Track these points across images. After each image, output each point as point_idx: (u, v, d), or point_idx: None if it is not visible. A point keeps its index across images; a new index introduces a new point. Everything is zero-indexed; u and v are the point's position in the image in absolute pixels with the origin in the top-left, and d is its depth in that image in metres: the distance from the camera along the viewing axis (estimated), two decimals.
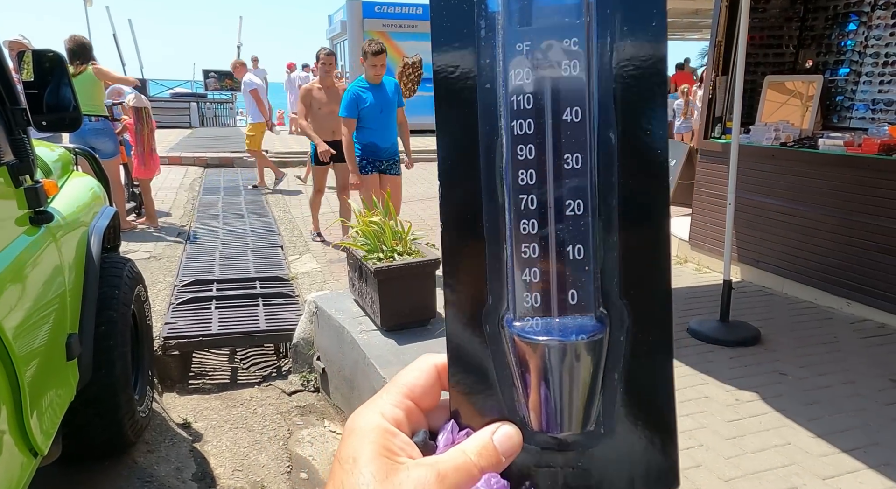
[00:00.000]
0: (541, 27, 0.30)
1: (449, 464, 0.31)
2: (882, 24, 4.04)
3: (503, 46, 0.31)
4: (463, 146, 0.33)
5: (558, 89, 0.31)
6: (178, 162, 10.54)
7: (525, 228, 0.32)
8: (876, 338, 3.30)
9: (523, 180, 0.32)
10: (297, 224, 6.59)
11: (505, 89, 0.31)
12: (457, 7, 0.32)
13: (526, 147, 0.31)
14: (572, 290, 0.32)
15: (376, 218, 3.53)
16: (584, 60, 0.30)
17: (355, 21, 15.00)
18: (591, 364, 0.32)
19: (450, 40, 0.32)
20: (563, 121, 0.31)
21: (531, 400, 0.33)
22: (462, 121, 0.32)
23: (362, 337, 3.22)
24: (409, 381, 0.35)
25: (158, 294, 4.28)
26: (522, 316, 0.33)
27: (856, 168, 3.56)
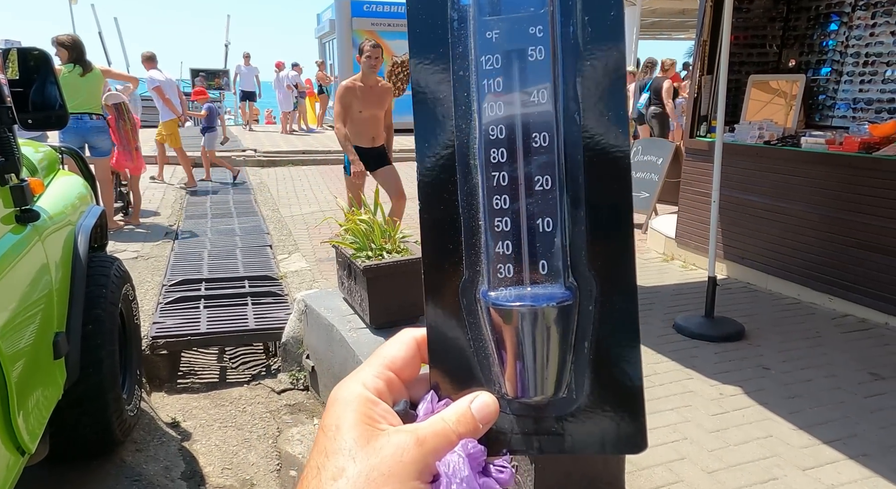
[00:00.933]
0: (508, 16, 0.33)
1: (428, 430, 0.33)
2: (862, 24, 4.11)
3: (474, 35, 0.33)
4: (438, 128, 0.35)
5: (525, 73, 0.33)
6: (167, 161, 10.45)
7: (497, 203, 0.34)
8: (857, 333, 3.36)
9: (495, 158, 0.34)
10: (285, 223, 6.58)
11: (477, 75, 0.33)
12: (430, 1, 0.34)
13: (497, 127, 0.33)
14: (542, 261, 0.34)
15: (365, 216, 3.54)
16: (548, 46, 0.32)
17: (344, 20, 14.98)
18: (562, 329, 0.34)
19: (425, 30, 0.34)
20: (531, 102, 0.33)
21: (507, 368, 0.35)
22: (437, 105, 0.34)
23: (351, 335, 3.23)
24: (391, 353, 0.37)
25: (146, 293, 4.26)
26: (497, 286, 0.34)
27: (837, 166, 3.62)
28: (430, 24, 0.34)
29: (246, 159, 10.93)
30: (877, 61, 4.05)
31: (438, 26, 0.34)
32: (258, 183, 9.12)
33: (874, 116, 4.06)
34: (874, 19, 4.03)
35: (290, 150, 11.91)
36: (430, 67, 0.34)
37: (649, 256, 5.24)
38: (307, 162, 11.19)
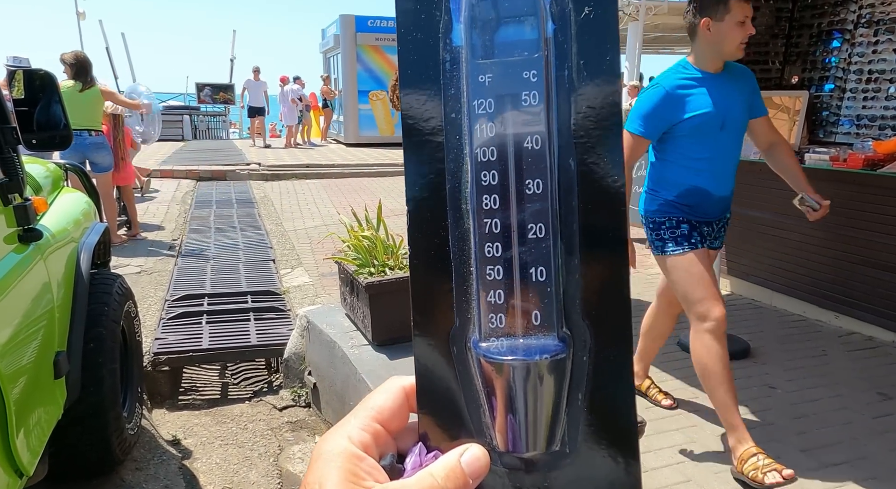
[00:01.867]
0: (502, 60, 0.32)
1: (415, 487, 0.32)
2: (865, 41, 4.12)
3: (467, 78, 0.33)
4: (430, 173, 0.34)
5: (519, 119, 0.32)
6: (171, 175, 10.53)
7: (489, 251, 0.33)
8: (863, 351, 3.33)
9: (487, 205, 0.33)
10: (289, 237, 6.59)
11: (469, 118, 0.33)
12: (423, 41, 0.33)
13: (489, 173, 0.33)
14: (535, 311, 0.33)
15: (368, 232, 3.54)
16: (542, 91, 0.32)
17: (348, 35, 15.12)
18: (555, 383, 0.33)
19: (417, 72, 0.33)
20: (524, 148, 0.32)
21: (497, 420, 0.34)
22: (429, 148, 0.34)
23: (353, 351, 3.22)
24: (378, 404, 0.36)
25: (149, 309, 4.26)
26: (488, 336, 0.34)
27: (841, 182, 3.61)
28: (421, 65, 0.33)
29: (250, 173, 10.99)
30: (880, 78, 4.05)
31: (430, 67, 0.33)
32: (262, 197, 9.16)
33: (878, 133, 4.06)
34: (876, 37, 4.04)
35: (294, 163, 11.97)
36: (421, 108, 0.34)
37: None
38: (311, 176, 11.24)
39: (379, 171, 11.75)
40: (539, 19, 0.32)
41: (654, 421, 2.63)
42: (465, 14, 0.32)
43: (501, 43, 0.32)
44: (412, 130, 0.34)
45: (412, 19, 0.33)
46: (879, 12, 4.02)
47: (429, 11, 0.33)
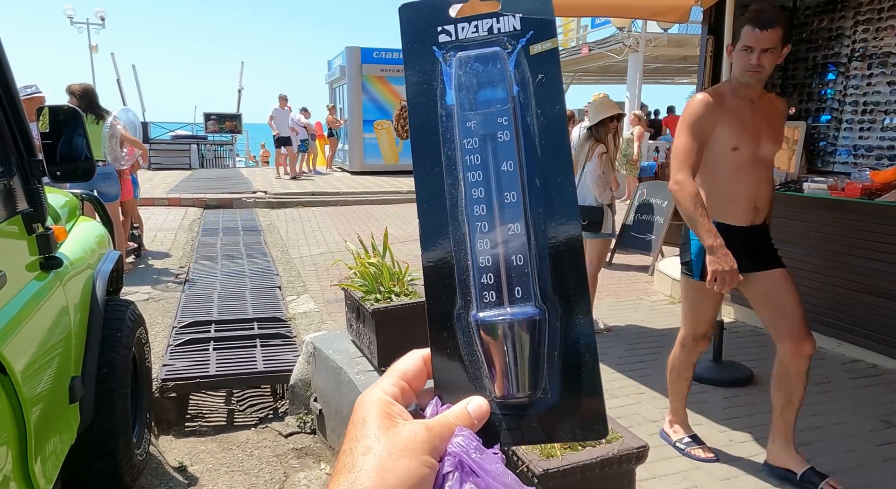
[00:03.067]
0: (482, 111, 0.45)
1: (435, 422, 0.42)
2: (859, 74, 4.22)
3: (458, 124, 0.45)
4: (434, 192, 0.46)
5: (497, 150, 0.45)
6: (178, 203, 10.67)
7: (481, 246, 0.45)
8: (867, 379, 3.34)
9: (478, 212, 0.45)
10: (294, 264, 6.65)
11: (461, 152, 0.45)
12: (426, 103, 0.46)
13: (478, 189, 0.45)
14: (517, 287, 0.44)
15: (374, 260, 3.60)
16: (512, 131, 0.45)
17: (354, 66, 15.43)
18: (535, 339, 0.44)
19: (424, 124, 0.46)
20: (501, 171, 0.44)
21: (495, 373, 0.44)
22: (433, 175, 0.46)
23: (359, 377, 3.24)
24: (403, 367, 0.45)
25: (157, 335, 4.30)
26: (483, 308, 0.45)
27: (840, 211, 3.67)
28: (426, 119, 0.46)
29: (256, 201, 11.12)
30: (875, 110, 4.15)
31: (432, 120, 0.46)
32: (268, 224, 9.25)
33: (875, 163, 4.13)
34: (870, 70, 4.15)
35: (299, 191, 12.11)
36: (426, 149, 0.46)
37: (656, 299, 5.25)
38: (316, 203, 11.36)
39: (383, 198, 11.88)
40: (507, 84, 0.45)
41: (657, 447, 2.64)
42: (454, 82, 0.46)
43: (481, 100, 0.45)
44: (421, 163, 0.46)
45: (418, 88, 0.46)
46: (872, 46, 4.13)
47: (429, 82, 0.46)
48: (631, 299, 5.18)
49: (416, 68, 0.46)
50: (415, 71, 0.46)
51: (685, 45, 13.78)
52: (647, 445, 1.77)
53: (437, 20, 0.46)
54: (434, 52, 0.46)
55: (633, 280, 5.96)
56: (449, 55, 0.46)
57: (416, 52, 0.46)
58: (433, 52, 0.46)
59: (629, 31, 13.28)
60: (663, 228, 6.06)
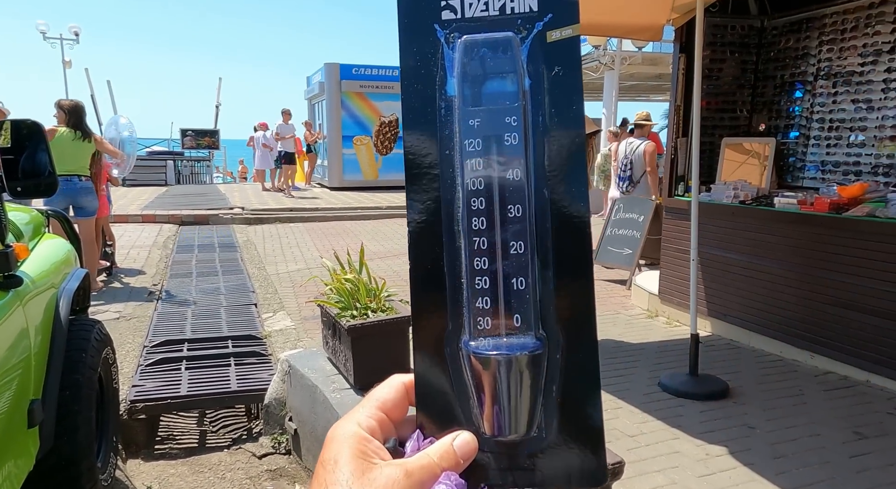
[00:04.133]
0: (488, 108, 0.39)
1: (415, 464, 0.37)
2: (825, 92, 4.34)
3: (459, 122, 0.39)
4: (428, 199, 0.40)
5: (503, 155, 0.39)
6: (153, 219, 10.49)
7: (478, 264, 0.39)
8: (839, 391, 3.38)
9: (476, 226, 0.39)
10: (271, 281, 6.56)
11: (461, 155, 0.39)
12: (422, 91, 0.40)
13: (478, 200, 0.39)
14: (517, 315, 0.39)
15: (350, 275, 3.56)
16: (521, 133, 0.38)
17: (333, 82, 15.45)
18: (532, 375, 0.39)
19: (417, 116, 0.40)
20: (507, 179, 0.39)
21: (484, 409, 0.39)
22: (427, 179, 0.40)
23: (335, 396, 3.19)
24: (382, 396, 0.41)
25: (127, 355, 4.19)
26: (476, 336, 0.39)
27: (810, 225, 3.74)
28: (421, 111, 0.40)
29: (233, 217, 10.99)
30: (840, 127, 4.26)
31: (428, 112, 0.40)
32: (245, 241, 9.14)
33: (842, 178, 4.23)
34: (835, 88, 4.27)
35: (277, 207, 12.01)
36: (420, 146, 0.40)
37: (634, 312, 5.28)
38: (294, 219, 11.27)
39: (363, 214, 11.83)
40: (518, 76, 0.39)
41: (634, 462, 2.64)
42: (457, 70, 0.39)
43: (488, 94, 0.39)
44: (413, 164, 0.40)
45: (414, 73, 0.40)
46: (836, 65, 4.26)
47: (428, 67, 0.39)
48: (609, 313, 5.20)
49: (414, 49, 0.39)
50: (411, 52, 0.39)
51: (659, 63, 14.08)
52: (623, 461, 1.76)
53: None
54: (435, 31, 0.39)
55: (611, 294, 5.99)
56: (453, 36, 0.39)
57: (414, 30, 0.39)
58: (434, 31, 0.39)
59: (605, 50, 13.54)
60: (640, 243, 6.12)
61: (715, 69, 4.81)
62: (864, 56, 4.06)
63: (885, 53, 3.94)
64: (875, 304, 3.37)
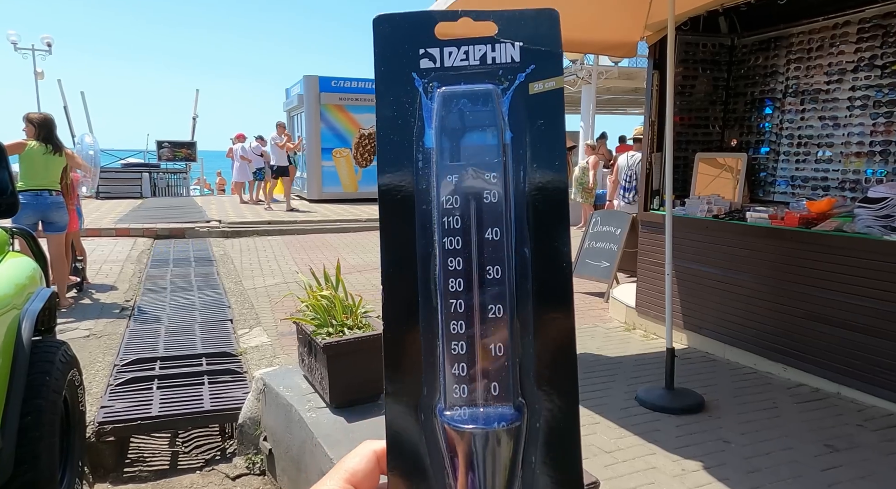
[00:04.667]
0: (467, 164, 0.38)
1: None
2: (793, 109, 4.45)
3: (437, 177, 0.38)
4: (403, 256, 0.38)
5: (481, 213, 0.37)
6: (127, 233, 10.31)
7: (454, 328, 0.37)
8: (811, 403, 3.43)
9: (453, 287, 0.37)
10: (248, 296, 6.47)
11: (438, 211, 0.38)
12: (399, 143, 0.38)
13: (455, 259, 0.37)
14: (494, 383, 0.37)
15: (326, 292, 3.53)
16: (501, 190, 0.37)
17: (312, 94, 15.42)
18: (511, 448, 0.37)
19: (393, 169, 0.38)
20: (486, 238, 0.37)
21: (459, 482, 0.37)
22: (402, 234, 0.38)
23: (311, 415, 3.14)
24: (351, 467, 0.39)
25: (96, 374, 4.09)
26: (452, 406, 0.37)
27: (781, 239, 3.81)
28: (397, 164, 0.38)
29: (210, 230, 10.85)
30: (808, 143, 4.36)
31: (405, 165, 0.38)
32: (221, 254, 9.02)
33: (811, 193, 4.33)
34: (803, 105, 4.37)
35: (255, 220, 11.89)
36: (395, 200, 0.38)
37: (611, 326, 5.31)
38: (272, 232, 11.17)
39: (342, 227, 11.77)
40: (499, 129, 0.37)
41: (610, 479, 2.63)
42: (435, 122, 0.38)
43: (467, 148, 0.38)
44: (388, 219, 0.38)
45: (390, 123, 0.38)
46: (804, 83, 4.37)
47: (405, 117, 0.38)
48: (587, 326, 5.22)
49: (391, 98, 0.38)
50: (388, 102, 0.38)
51: (635, 77, 14.32)
52: (598, 481, 1.75)
53: (419, 40, 0.38)
54: (413, 80, 0.38)
55: (589, 307, 6.02)
56: (431, 86, 0.38)
57: (392, 78, 0.38)
58: (412, 80, 0.38)
59: (582, 64, 13.73)
60: (617, 256, 6.17)
61: (687, 86, 4.90)
62: (829, 74, 4.18)
63: (849, 72, 4.05)
64: (844, 317, 3.43)
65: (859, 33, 3.97)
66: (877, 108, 3.91)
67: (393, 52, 0.38)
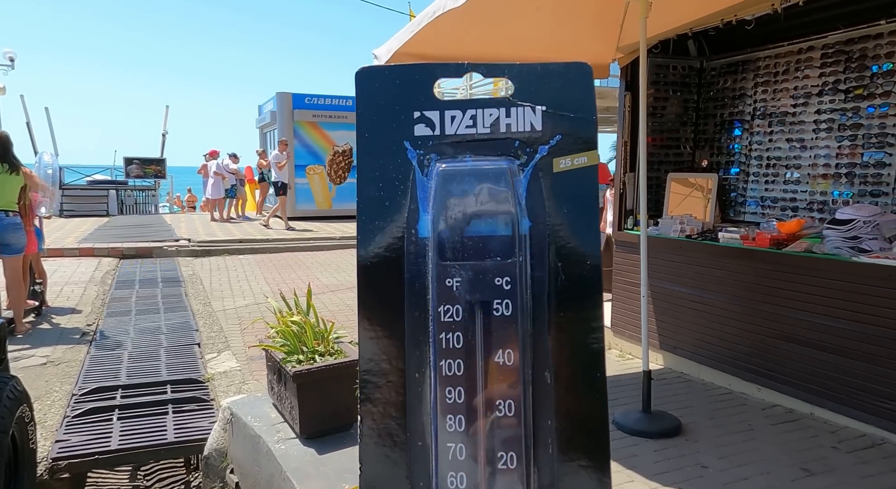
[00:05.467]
0: (472, 264, 0.28)
1: None
2: (761, 131, 4.53)
3: (433, 277, 0.28)
4: (390, 380, 0.30)
5: (490, 329, 0.28)
6: (91, 253, 10.00)
7: (452, 482, 0.29)
8: (786, 424, 3.43)
9: (451, 426, 0.29)
10: (217, 318, 6.29)
11: (434, 325, 0.28)
12: (386, 231, 0.29)
13: (455, 390, 0.28)
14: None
15: (297, 317, 3.43)
16: (516, 300, 0.27)
17: (285, 111, 15.31)
18: None
19: (378, 265, 0.28)
20: (494, 363, 0.28)
21: None
22: (387, 349, 0.29)
23: (279, 447, 3.02)
24: None
25: (52, 405, 3.89)
26: None
27: (752, 260, 3.83)
28: (383, 258, 0.28)
29: (179, 249, 10.59)
30: (777, 164, 4.43)
31: (392, 261, 0.28)
32: (190, 274, 8.80)
33: (780, 213, 4.39)
34: (770, 127, 4.46)
35: (226, 238, 11.66)
36: (380, 307, 0.28)
37: None
38: (244, 251, 10.95)
39: (315, 245, 11.62)
40: (513, 219, 0.28)
41: None
42: (433, 207, 0.29)
43: (472, 242, 0.28)
44: (368, 326, 0.29)
45: (375, 206, 0.29)
46: (771, 106, 4.45)
47: (394, 199, 0.29)
48: None
49: (376, 172, 0.28)
50: (372, 177, 0.28)
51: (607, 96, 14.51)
52: None
53: (414, 99, 0.29)
54: (406, 151, 0.29)
55: None
56: (429, 159, 0.28)
57: (379, 147, 0.29)
58: (404, 151, 0.29)
59: None
60: None
61: (659, 107, 4.96)
62: (795, 98, 4.26)
63: (814, 96, 4.14)
64: (816, 337, 3.46)
65: (823, 58, 4.07)
66: (841, 132, 4.00)
67: (380, 114, 0.29)
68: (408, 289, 0.28)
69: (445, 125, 0.28)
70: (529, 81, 0.27)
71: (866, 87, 3.84)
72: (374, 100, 0.28)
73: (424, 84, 0.28)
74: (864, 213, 3.40)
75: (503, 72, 0.28)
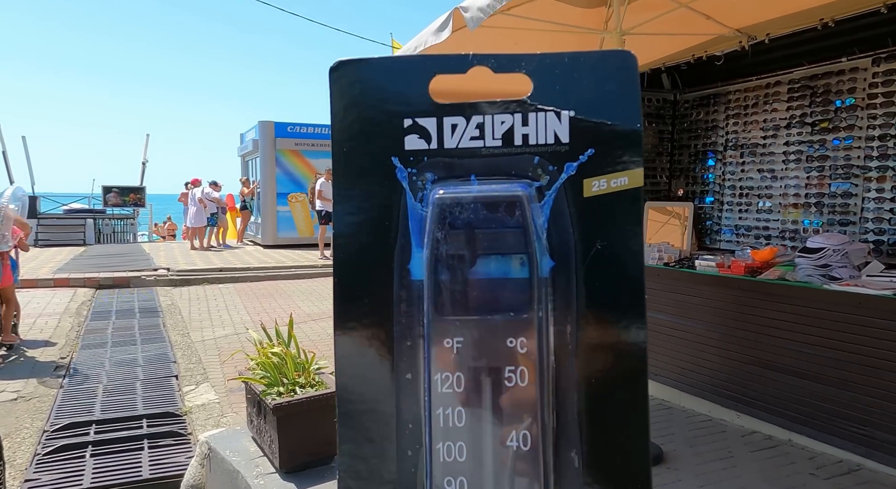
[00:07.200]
0: (478, 319, 0.22)
1: None
2: (734, 162, 4.66)
3: (428, 337, 0.22)
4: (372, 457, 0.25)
5: (501, 405, 0.22)
6: (66, 283, 9.81)
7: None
8: (765, 451, 3.46)
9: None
10: (195, 349, 6.20)
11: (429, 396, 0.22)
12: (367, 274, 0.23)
13: (456, 480, 0.23)
14: None
15: (277, 349, 3.40)
16: (535, 367, 0.22)
17: (267, 140, 15.34)
18: None
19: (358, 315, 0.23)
20: (507, 447, 0.22)
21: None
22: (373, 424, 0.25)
23: (258, 481, 2.97)
24: None
25: (22, 443, 3.78)
26: None
27: (728, 287, 3.91)
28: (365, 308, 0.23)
29: (157, 279, 10.45)
30: (749, 193, 4.56)
31: (375, 313, 0.23)
32: (168, 305, 8.67)
33: (754, 241, 4.49)
34: (742, 158, 4.59)
35: (206, 267, 11.53)
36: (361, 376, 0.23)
37: None
38: (224, 280, 10.84)
39: (297, 273, 11.54)
40: (531, 257, 0.22)
41: None
42: (428, 243, 0.23)
43: (479, 290, 0.22)
44: (348, 397, 0.23)
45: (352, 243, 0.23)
46: (742, 137, 4.60)
47: (379, 232, 0.23)
48: None
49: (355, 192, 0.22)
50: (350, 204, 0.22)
51: None
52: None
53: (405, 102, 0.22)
54: (395, 170, 0.23)
55: None
56: (424, 180, 0.22)
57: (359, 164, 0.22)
58: (392, 170, 0.23)
59: None
60: None
61: None
62: (765, 130, 4.41)
63: (782, 128, 4.29)
64: (791, 364, 3.52)
65: (790, 92, 4.23)
66: (809, 163, 4.13)
67: (362, 122, 0.22)
68: (396, 346, 0.23)
69: (444, 136, 0.22)
70: (553, 78, 0.22)
71: (831, 120, 3.99)
72: (354, 104, 0.22)
73: (418, 81, 0.22)
74: (834, 242, 3.50)
75: (519, 65, 0.22)
